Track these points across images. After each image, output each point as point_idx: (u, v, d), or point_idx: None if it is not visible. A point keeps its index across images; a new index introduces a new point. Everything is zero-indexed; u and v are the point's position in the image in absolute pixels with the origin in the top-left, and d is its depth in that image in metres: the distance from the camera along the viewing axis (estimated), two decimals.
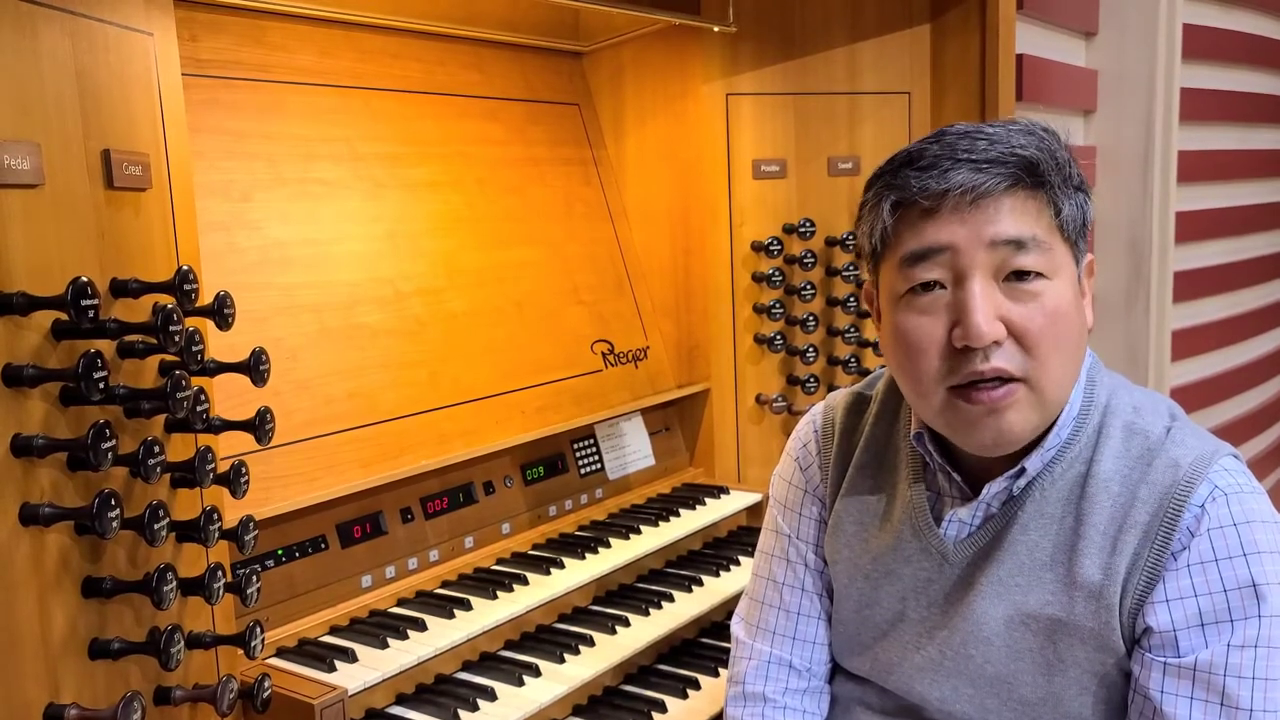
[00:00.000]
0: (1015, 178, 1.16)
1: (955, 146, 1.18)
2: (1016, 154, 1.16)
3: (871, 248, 1.27)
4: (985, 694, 1.29)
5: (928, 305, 1.20)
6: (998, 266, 1.17)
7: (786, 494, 1.51)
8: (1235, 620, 1.15)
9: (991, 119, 2.58)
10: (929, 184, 1.17)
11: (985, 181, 1.15)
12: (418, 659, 1.79)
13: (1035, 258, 1.16)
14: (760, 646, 1.49)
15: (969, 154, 1.16)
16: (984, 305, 1.15)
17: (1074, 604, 1.22)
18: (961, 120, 2.63)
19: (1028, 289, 1.17)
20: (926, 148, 1.20)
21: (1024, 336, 1.16)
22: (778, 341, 2.68)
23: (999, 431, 1.19)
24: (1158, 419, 1.27)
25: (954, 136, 1.19)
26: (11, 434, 1.18)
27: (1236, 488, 1.19)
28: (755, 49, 2.63)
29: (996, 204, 1.16)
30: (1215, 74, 3.99)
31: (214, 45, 2.01)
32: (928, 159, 1.18)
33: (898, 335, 1.23)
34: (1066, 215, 1.19)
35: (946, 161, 1.16)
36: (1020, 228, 1.16)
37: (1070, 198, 1.20)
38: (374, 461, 2.01)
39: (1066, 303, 1.19)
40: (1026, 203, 1.17)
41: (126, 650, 1.31)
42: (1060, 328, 1.18)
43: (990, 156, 1.16)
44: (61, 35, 1.28)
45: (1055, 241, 1.19)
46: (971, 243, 1.16)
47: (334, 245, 2.10)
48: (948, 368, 1.19)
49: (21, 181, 1.20)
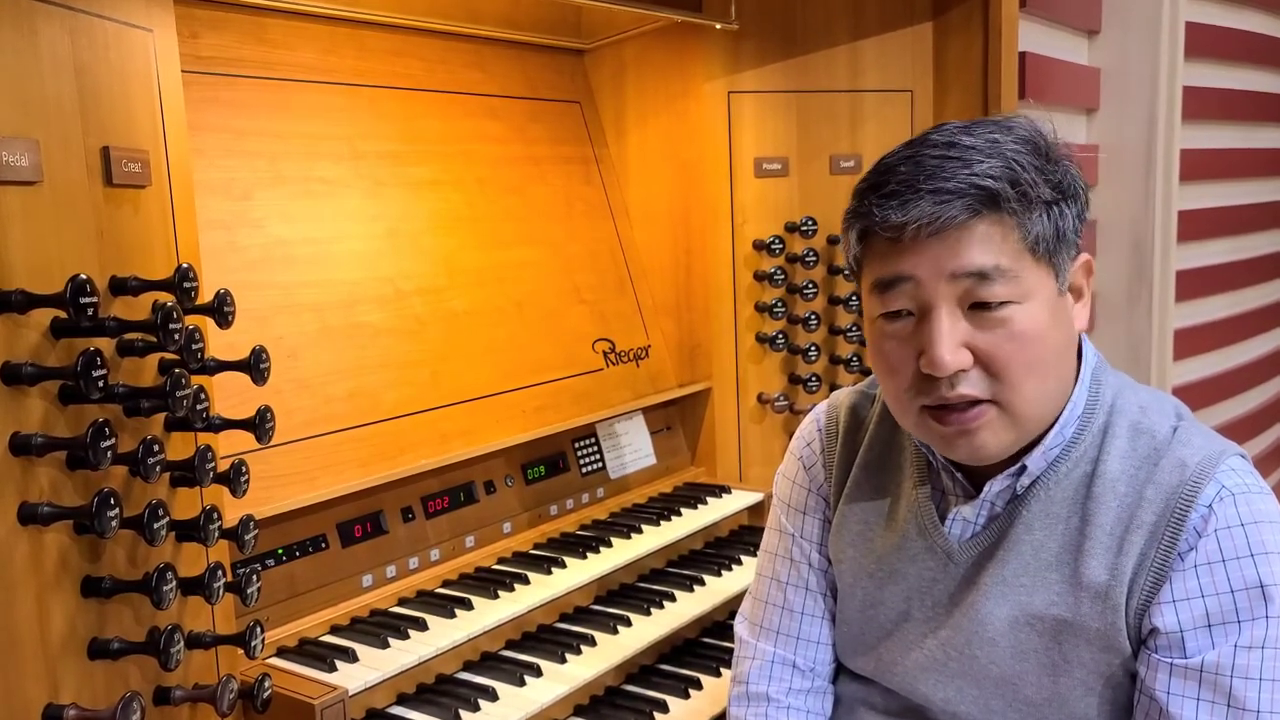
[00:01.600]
0: (973, 209, 1.14)
1: (921, 168, 1.15)
2: (977, 185, 1.13)
3: (849, 267, 1.29)
4: (990, 695, 1.28)
5: (898, 331, 1.21)
6: (961, 296, 1.16)
7: (791, 493, 1.51)
8: (1243, 621, 1.15)
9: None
10: (889, 216, 1.16)
11: (943, 214, 1.13)
12: (419, 659, 1.78)
13: (999, 287, 1.15)
14: (764, 646, 1.49)
15: (930, 182, 1.14)
16: (947, 337, 1.16)
17: (1079, 604, 1.22)
18: (961, 118, 2.66)
19: (994, 316, 1.16)
20: (895, 169, 1.18)
21: (991, 363, 1.17)
22: (779, 340, 2.67)
23: (972, 449, 1.22)
24: (1164, 419, 1.26)
25: (928, 152, 1.17)
26: (10, 432, 1.18)
27: (1244, 488, 1.18)
28: (757, 47, 2.62)
29: (958, 235, 1.14)
30: (1218, 72, 3.98)
31: (215, 42, 2.01)
32: (893, 185, 1.16)
33: (875, 354, 1.27)
34: (1038, 234, 1.16)
35: (909, 192, 1.15)
36: (983, 258, 1.14)
37: (1042, 214, 1.16)
38: (374, 461, 2.00)
39: (1038, 324, 1.17)
40: (990, 230, 1.15)
41: (126, 650, 1.30)
42: (1030, 351, 1.17)
43: (949, 186, 1.13)
44: (61, 32, 1.28)
45: (1023, 265, 1.16)
46: (933, 275, 1.16)
47: (334, 244, 2.09)
48: (918, 392, 1.21)
49: (20, 178, 1.19)
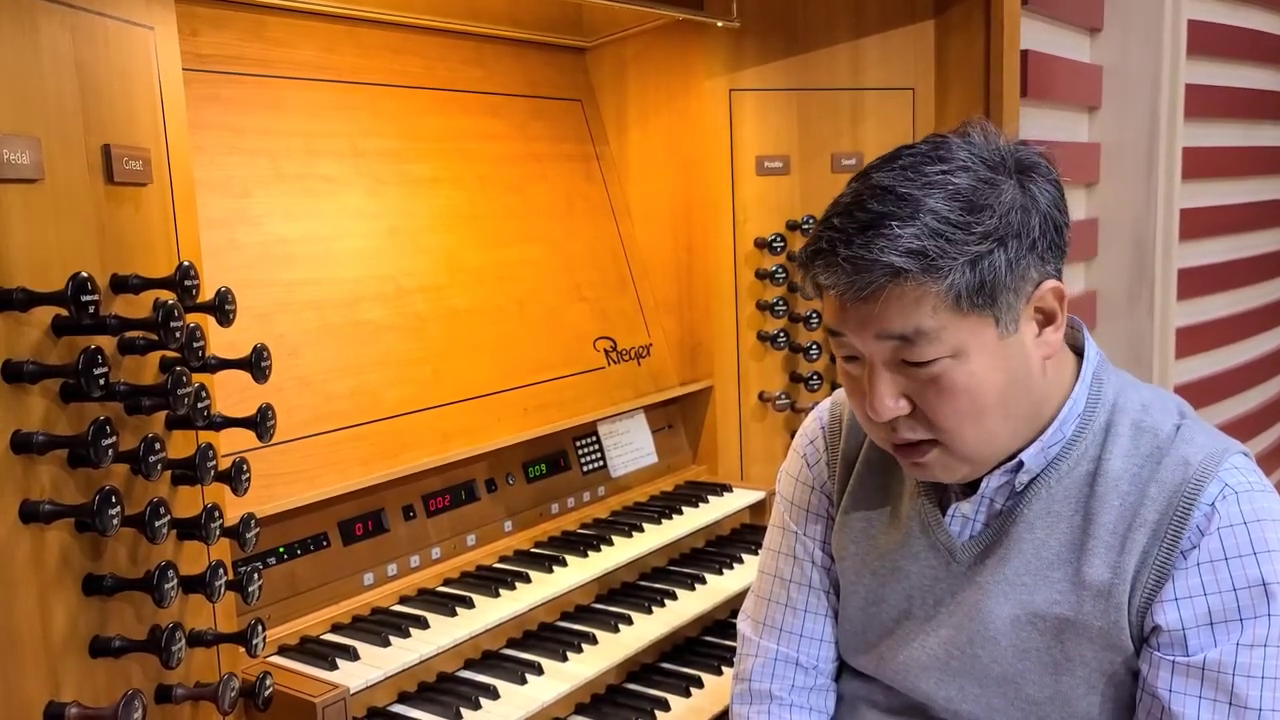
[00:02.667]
0: (884, 281, 1.13)
1: (851, 223, 1.14)
2: (882, 260, 1.12)
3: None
4: (992, 693, 1.28)
5: (852, 371, 1.25)
6: (888, 356, 1.18)
7: (794, 491, 1.51)
8: (1245, 619, 1.15)
9: (996, 115, 2.56)
10: (819, 274, 1.19)
11: (857, 284, 1.14)
12: (420, 657, 1.78)
13: (923, 348, 1.16)
14: (767, 644, 1.49)
15: (847, 248, 1.13)
16: (882, 389, 1.19)
17: (1082, 603, 1.22)
18: (966, 117, 2.65)
19: (924, 373, 1.17)
20: (829, 223, 1.17)
21: (927, 413, 1.20)
22: (781, 338, 2.67)
23: (929, 476, 1.27)
24: (1167, 417, 1.26)
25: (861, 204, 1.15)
26: (11, 430, 1.18)
27: (1247, 485, 1.18)
28: (759, 45, 2.62)
29: (874, 300, 1.15)
30: (1220, 70, 3.97)
31: (215, 40, 2.00)
32: (822, 242, 1.17)
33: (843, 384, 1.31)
34: (959, 291, 1.13)
35: (830, 255, 1.16)
36: (901, 324, 1.15)
37: (964, 271, 1.13)
38: (376, 459, 2.00)
39: (970, 376, 1.16)
40: (902, 295, 1.14)
41: (127, 648, 1.30)
42: (963, 403, 1.17)
43: (864, 258, 1.13)
44: (61, 29, 1.28)
45: (948, 322, 1.14)
46: (861, 335, 1.19)
47: (335, 242, 2.09)
48: (871, 430, 1.28)
49: (21, 176, 1.19)
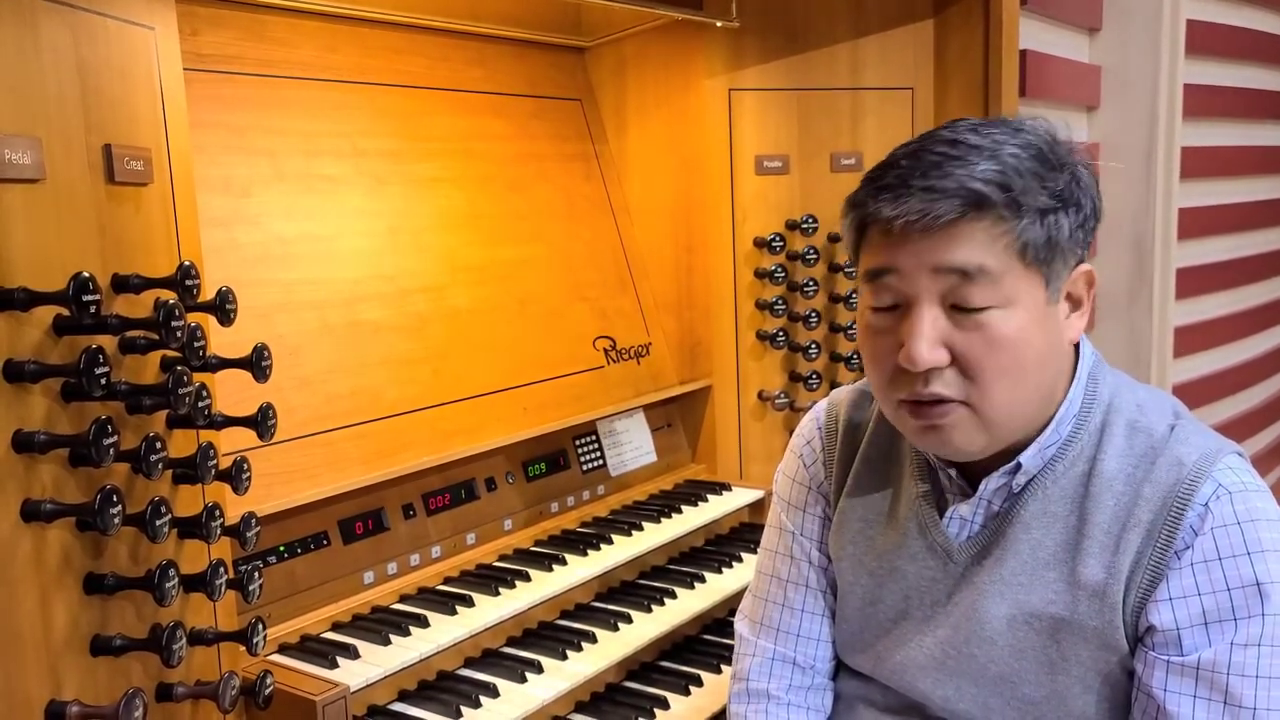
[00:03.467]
0: (963, 210, 1.14)
1: (919, 164, 1.17)
2: (966, 187, 1.14)
3: (850, 255, 1.30)
4: (988, 693, 1.28)
5: (883, 322, 1.23)
6: (943, 294, 1.17)
7: (791, 490, 1.51)
8: (1239, 619, 1.15)
9: (995, 115, 2.57)
10: (882, 208, 1.17)
11: (932, 210, 1.14)
12: (420, 655, 1.79)
13: (981, 290, 1.15)
14: (764, 643, 1.49)
15: (924, 179, 1.15)
16: (925, 333, 1.17)
17: (1077, 603, 1.22)
18: (966, 115, 2.66)
19: (974, 318, 1.17)
20: (895, 164, 1.20)
21: (966, 364, 1.18)
22: (780, 338, 2.67)
23: (941, 445, 1.24)
24: (1162, 417, 1.26)
25: (929, 150, 1.18)
26: (13, 430, 1.18)
27: (1241, 486, 1.19)
28: (758, 44, 2.62)
29: (945, 232, 1.15)
30: (1219, 70, 3.97)
31: (216, 40, 2.01)
32: (889, 179, 1.18)
33: (861, 344, 1.29)
34: (1027, 240, 1.16)
35: (901, 186, 1.16)
36: (968, 257, 1.15)
37: (1035, 221, 1.16)
38: (376, 458, 2.00)
39: (1018, 330, 1.17)
40: (974, 231, 1.15)
41: (128, 647, 1.31)
42: (1006, 357, 1.17)
43: (941, 185, 1.14)
44: (62, 29, 1.28)
45: (1010, 269, 1.16)
46: (918, 269, 1.17)
47: (336, 241, 2.09)
48: (894, 385, 1.23)
49: (22, 176, 1.20)
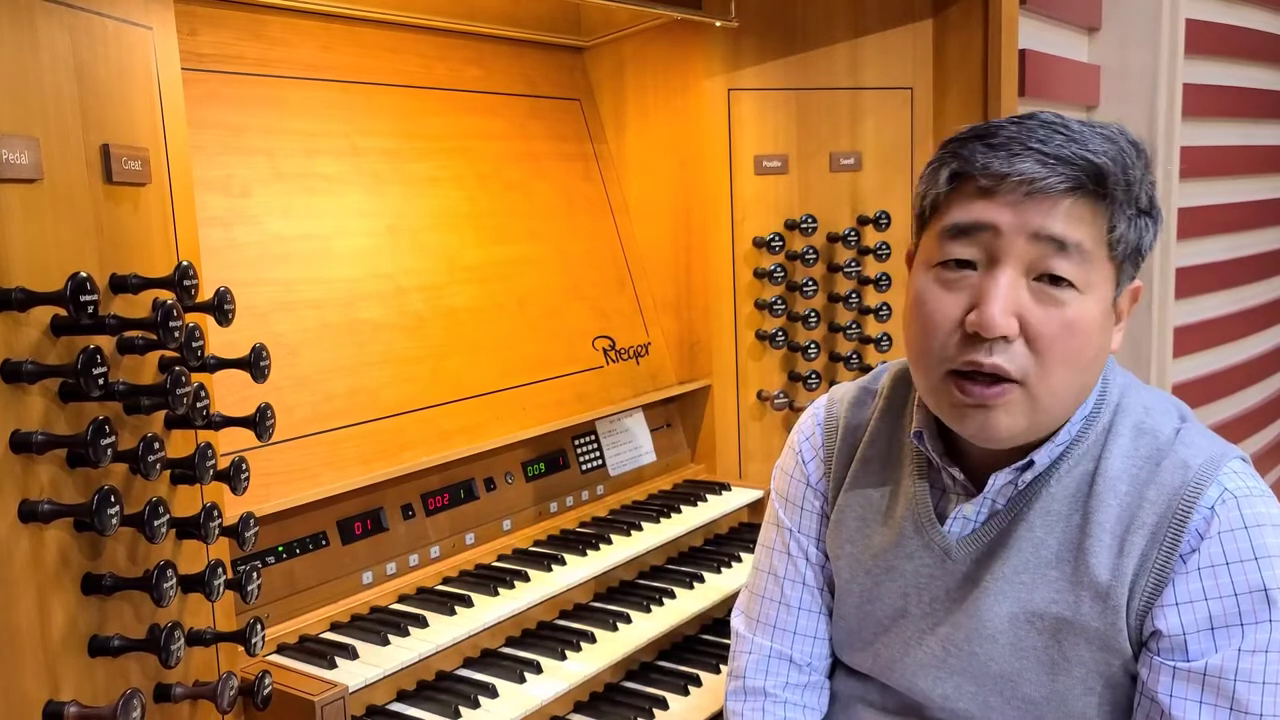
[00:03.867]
0: (1078, 181, 1.14)
1: (1033, 134, 1.15)
2: (1086, 158, 1.13)
3: (921, 210, 1.26)
4: (988, 691, 1.28)
5: (953, 281, 1.19)
6: (1032, 262, 1.15)
7: (788, 487, 1.51)
8: (1246, 625, 1.15)
9: (994, 115, 2.57)
10: (992, 163, 1.15)
11: (1048, 177, 1.13)
12: (419, 656, 1.78)
13: (1071, 266, 1.14)
14: (760, 641, 1.49)
15: (1041, 146, 1.14)
16: (1005, 296, 1.14)
17: (1080, 603, 1.22)
18: (965, 117, 2.67)
19: (1054, 294, 1.15)
20: (1004, 127, 1.18)
21: (1035, 340, 1.15)
22: (779, 338, 2.67)
23: (983, 426, 1.20)
24: (1167, 420, 1.26)
25: (1036, 123, 1.17)
26: (10, 430, 1.18)
27: (1246, 490, 1.19)
28: (757, 44, 2.62)
29: (1052, 201, 1.14)
30: (1218, 69, 3.98)
31: (214, 39, 2.00)
32: (1000, 139, 1.16)
33: (917, 304, 1.23)
34: (1120, 234, 1.16)
35: (1017, 146, 1.14)
36: (1067, 230, 1.14)
37: (1130, 219, 1.17)
38: (375, 458, 2.00)
39: (1089, 319, 1.17)
40: (1083, 208, 1.15)
41: (126, 647, 1.30)
42: (1075, 342, 1.16)
43: (1061, 154, 1.13)
44: (60, 29, 1.28)
45: (1098, 256, 1.16)
46: (1015, 230, 1.15)
47: (334, 240, 2.09)
48: (953, 349, 1.18)
49: (20, 176, 1.19)
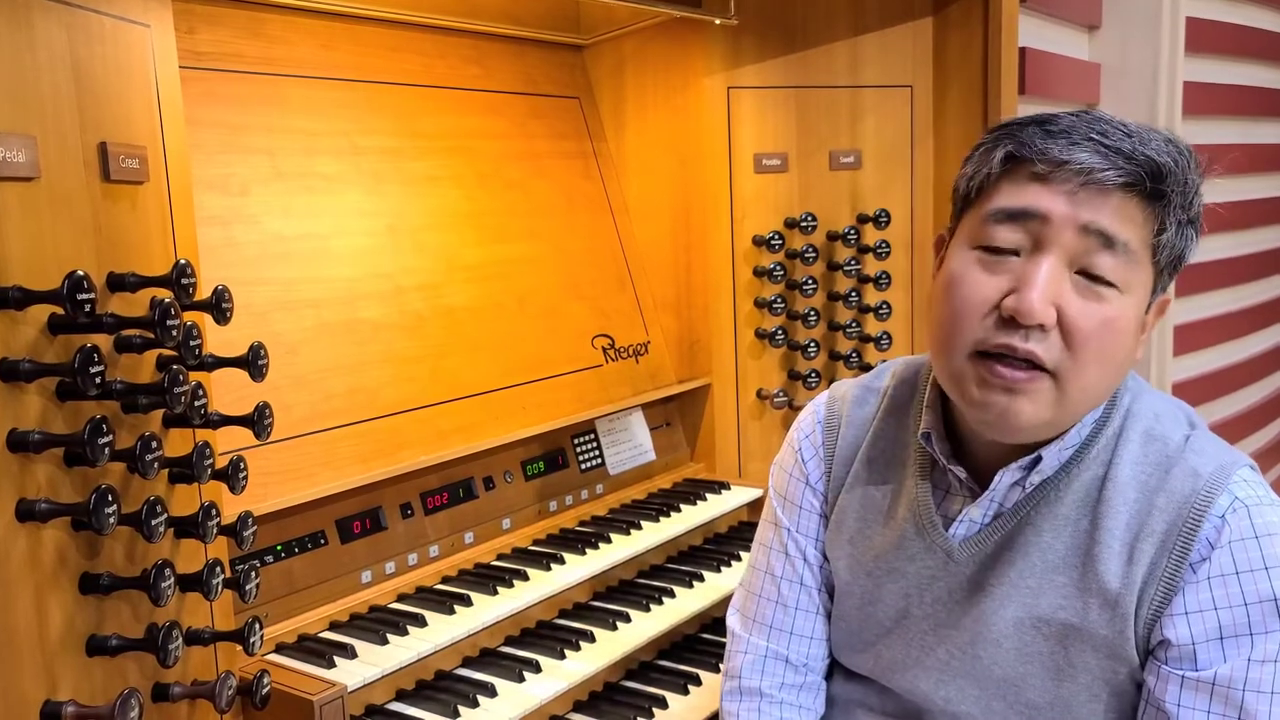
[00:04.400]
0: (1136, 178, 1.13)
1: (1092, 125, 1.15)
2: (1147, 155, 1.12)
3: (966, 190, 1.24)
4: (991, 696, 1.28)
5: (994, 265, 1.18)
6: (1077, 255, 1.14)
7: (787, 486, 1.50)
8: (1255, 634, 1.14)
9: (994, 113, 2.57)
10: (1050, 149, 1.14)
11: (1106, 169, 1.12)
12: (418, 655, 1.78)
13: (1115, 264, 1.14)
14: (756, 641, 1.48)
15: (1102, 137, 1.13)
16: (1047, 284, 1.13)
17: (1088, 610, 1.21)
18: (965, 115, 2.66)
19: (1096, 290, 1.15)
20: (1062, 116, 1.17)
21: (1072, 333, 1.14)
22: (779, 336, 2.67)
23: (1004, 412, 1.17)
24: (1177, 426, 1.26)
25: (1094, 116, 1.16)
26: (8, 429, 1.17)
27: (1256, 500, 1.18)
28: (757, 42, 2.62)
29: (1105, 195, 1.13)
30: (1219, 68, 3.98)
31: (212, 38, 2.00)
32: (1060, 126, 1.16)
33: (951, 285, 1.21)
34: (1167, 239, 1.16)
35: (1077, 135, 1.14)
36: (1117, 227, 1.13)
37: (1179, 225, 1.16)
38: (373, 457, 2.00)
39: (1126, 320, 1.16)
40: (1135, 208, 1.14)
41: (124, 647, 1.30)
42: (1109, 339, 1.15)
43: (1120, 148, 1.13)
44: (58, 27, 1.27)
45: (1143, 258, 1.16)
46: (1065, 219, 1.14)
47: (333, 240, 2.08)
48: (984, 331, 1.16)
49: (17, 174, 1.19)
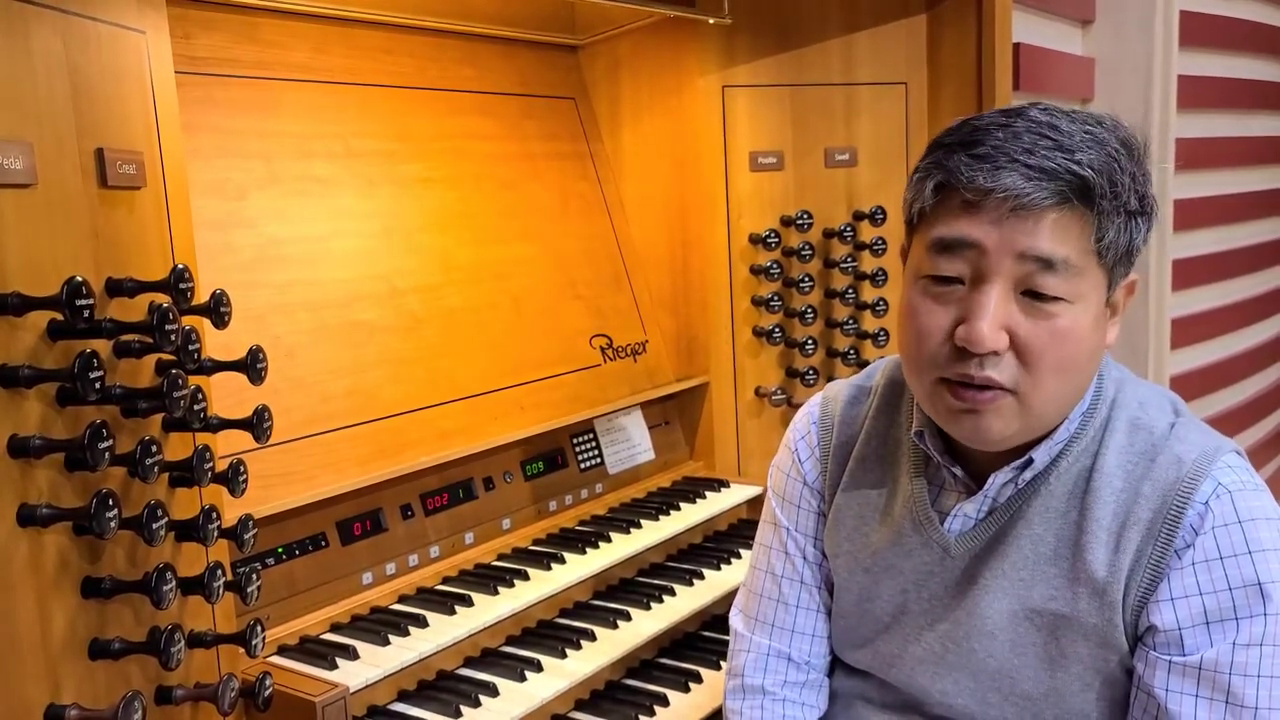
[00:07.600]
0: (1063, 195, 1.12)
1: (1019, 140, 1.13)
2: (1073, 170, 1.11)
3: (909, 217, 1.25)
4: (987, 687, 1.29)
5: (942, 294, 1.19)
6: (1020, 278, 1.14)
7: (785, 486, 1.51)
8: (1240, 619, 1.15)
9: (989, 108, 2.56)
10: (976, 177, 1.13)
11: (1031, 193, 1.11)
12: (419, 655, 1.79)
13: (1060, 281, 1.13)
14: (759, 639, 1.49)
15: (1027, 156, 1.12)
16: (993, 314, 1.14)
17: (1078, 600, 1.22)
18: (959, 111, 2.67)
19: (1043, 308, 1.15)
20: (990, 132, 1.15)
21: (1025, 353, 1.15)
22: (776, 334, 2.68)
23: (975, 430, 1.20)
24: (1162, 415, 1.26)
25: (1024, 126, 1.14)
26: (8, 435, 1.18)
27: (1240, 485, 1.19)
28: (751, 41, 2.62)
29: (1037, 217, 1.12)
30: (1213, 61, 3.98)
31: (208, 43, 2.00)
32: (985, 148, 1.14)
33: (908, 312, 1.23)
34: (1109, 241, 1.15)
35: (1002, 158, 1.12)
36: (1054, 247, 1.13)
37: (1120, 222, 1.15)
38: (373, 458, 2.00)
39: (1081, 328, 1.16)
40: (1069, 222, 1.13)
41: (127, 650, 1.31)
42: (1066, 352, 1.16)
43: (1045, 166, 1.11)
44: (54, 34, 1.28)
45: (1088, 265, 1.15)
46: (1000, 249, 1.13)
47: (330, 242, 2.09)
48: (943, 360, 1.19)
49: (14, 181, 1.19)
